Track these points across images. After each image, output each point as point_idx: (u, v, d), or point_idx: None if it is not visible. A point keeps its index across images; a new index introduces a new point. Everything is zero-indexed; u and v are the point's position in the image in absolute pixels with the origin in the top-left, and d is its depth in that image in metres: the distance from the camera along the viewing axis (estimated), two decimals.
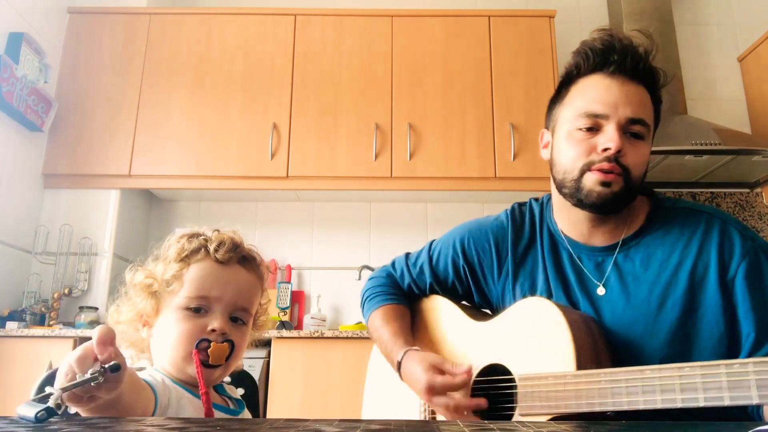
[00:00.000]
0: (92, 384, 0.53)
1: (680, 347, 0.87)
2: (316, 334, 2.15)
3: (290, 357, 2.14)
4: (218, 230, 0.87)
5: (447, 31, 2.71)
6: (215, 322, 0.79)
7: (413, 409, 1.06)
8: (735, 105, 2.98)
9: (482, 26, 2.72)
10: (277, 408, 2.08)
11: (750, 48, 2.90)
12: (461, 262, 1.09)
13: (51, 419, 0.49)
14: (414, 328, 1.12)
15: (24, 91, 2.32)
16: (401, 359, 0.99)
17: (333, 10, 2.78)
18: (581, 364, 0.79)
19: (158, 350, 0.81)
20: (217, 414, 0.81)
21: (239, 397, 0.91)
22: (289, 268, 2.77)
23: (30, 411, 0.49)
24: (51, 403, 0.50)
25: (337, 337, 2.15)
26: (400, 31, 2.71)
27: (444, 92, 2.63)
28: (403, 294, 1.16)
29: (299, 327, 2.66)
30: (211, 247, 0.83)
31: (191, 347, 0.77)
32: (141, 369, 0.80)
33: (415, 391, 0.96)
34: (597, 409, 0.73)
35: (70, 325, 2.32)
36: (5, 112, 2.28)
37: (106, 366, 0.54)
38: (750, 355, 0.83)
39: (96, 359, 0.55)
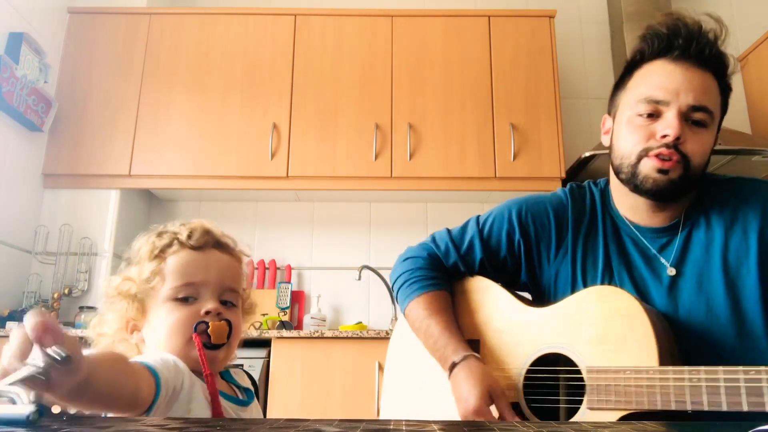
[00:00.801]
0: (35, 379, 0.44)
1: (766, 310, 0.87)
2: (316, 334, 2.15)
3: (290, 357, 2.14)
4: (184, 223, 0.86)
5: (447, 31, 2.71)
6: (208, 305, 0.78)
7: (450, 397, 1.00)
8: (735, 105, 2.96)
9: (482, 26, 2.72)
10: (277, 408, 2.07)
11: (750, 48, 2.90)
12: (517, 235, 1.03)
13: (43, 419, 0.46)
14: (458, 311, 1.05)
15: (24, 91, 2.32)
16: (458, 362, 0.93)
17: (333, 10, 2.78)
18: (663, 359, 0.76)
19: (153, 344, 0.79)
20: (225, 403, 0.79)
21: (249, 387, 0.89)
22: (289, 268, 2.77)
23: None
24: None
25: (337, 337, 2.15)
26: (400, 31, 2.71)
27: (444, 92, 2.63)
28: (445, 276, 1.08)
29: (299, 327, 2.66)
30: (183, 237, 0.83)
31: (189, 333, 0.76)
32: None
33: (457, 399, 0.92)
34: (688, 408, 0.69)
35: (70, 325, 2.32)
36: (5, 112, 2.28)
37: (56, 356, 0.45)
38: None
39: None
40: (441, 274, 1.08)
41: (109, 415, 0.65)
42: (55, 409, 0.49)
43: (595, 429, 0.44)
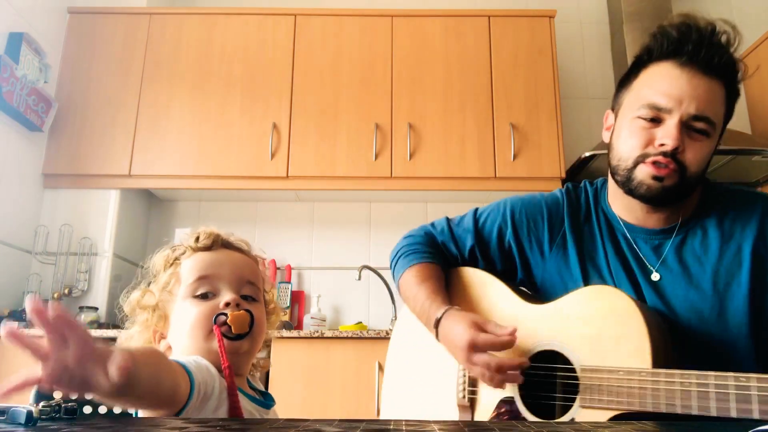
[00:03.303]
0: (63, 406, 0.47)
1: (755, 327, 0.86)
2: (316, 334, 2.15)
3: (290, 357, 2.14)
4: (195, 232, 0.88)
5: (447, 31, 2.71)
6: (226, 297, 0.78)
7: (449, 380, 1.01)
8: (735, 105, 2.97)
9: (482, 26, 2.72)
10: (277, 408, 2.07)
11: (750, 48, 2.90)
12: (509, 231, 1.05)
13: (48, 420, 0.46)
14: (453, 302, 1.05)
15: (24, 91, 2.32)
16: (441, 317, 0.94)
17: (333, 10, 2.78)
18: (656, 361, 0.76)
19: (178, 347, 0.79)
20: (250, 404, 0.79)
21: (268, 392, 0.89)
22: (289, 268, 2.77)
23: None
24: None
25: (337, 337, 2.15)
26: (400, 31, 2.71)
27: (444, 92, 2.63)
28: (440, 254, 1.11)
29: (299, 327, 2.66)
30: (191, 242, 0.84)
31: (209, 327, 0.76)
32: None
33: (453, 350, 0.92)
34: (678, 411, 0.69)
35: None
36: (5, 112, 2.28)
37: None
38: None
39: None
40: (435, 251, 1.11)
41: (144, 413, 0.65)
42: (57, 395, 0.49)
43: (594, 429, 0.44)
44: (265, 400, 0.86)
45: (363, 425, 0.44)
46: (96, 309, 2.37)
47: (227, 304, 0.77)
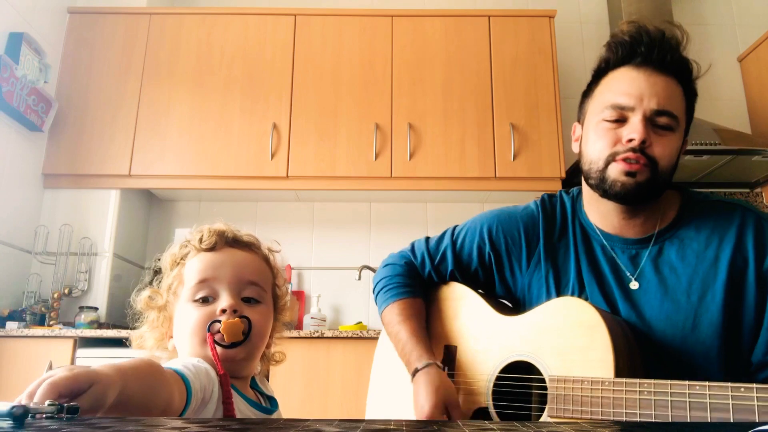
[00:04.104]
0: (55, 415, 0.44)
1: (727, 339, 0.87)
2: (316, 334, 2.15)
3: (290, 357, 2.12)
4: (201, 228, 0.86)
5: (447, 31, 2.71)
6: (224, 302, 0.77)
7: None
8: (735, 105, 2.98)
9: (482, 26, 2.72)
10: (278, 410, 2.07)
11: (750, 48, 2.90)
12: (487, 249, 1.06)
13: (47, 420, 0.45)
14: (432, 317, 1.10)
15: (24, 91, 2.32)
16: (421, 368, 0.98)
17: (333, 10, 2.78)
18: (619, 371, 0.78)
19: (181, 349, 0.80)
20: (249, 409, 0.78)
21: (273, 395, 0.89)
22: (289, 268, 2.77)
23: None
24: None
25: (337, 337, 2.15)
26: (400, 31, 2.71)
27: (444, 92, 2.63)
28: (421, 284, 1.13)
29: (299, 327, 2.66)
30: (196, 241, 0.83)
31: (204, 334, 0.75)
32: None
33: (415, 405, 0.96)
34: (638, 420, 0.71)
35: (70, 325, 2.32)
36: (5, 112, 2.28)
37: (64, 405, 0.45)
38: None
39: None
40: (416, 282, 1.12)
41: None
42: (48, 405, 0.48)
43: (594, 429, 0.44)
44: (270, 406, 0.85)
45: (363, 425, 0.44)
46: (96, 309, 2.37)
47: (223, 311, 0.77)
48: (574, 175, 2.60)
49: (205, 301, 0.79)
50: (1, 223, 2.30)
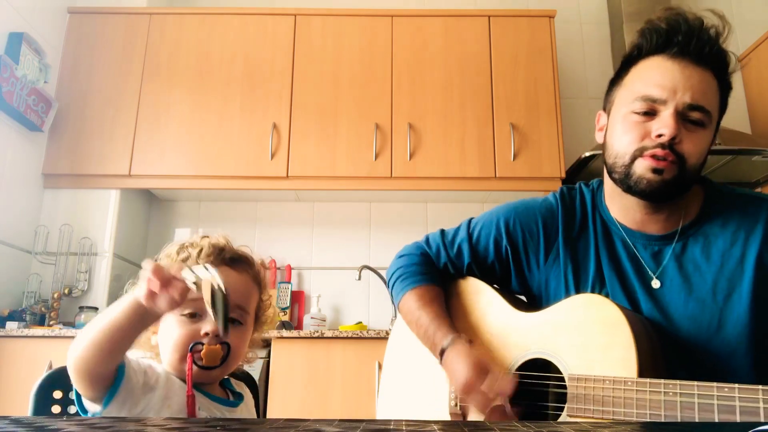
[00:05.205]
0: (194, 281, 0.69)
1: (755, 340, 0.84)
2: (316, 334, 2.15)
3: (290, 357, 2.14)
4: (207, 237, 0.88)
5: (447, 31, 2.71)
6: (208, 326, 0.80)
7: (443, 387, 1.01)
8: (735, 105, 2.97)
9: (482, 26, 2.72)
10: (277, 408, 2.07)
11: (750, 48, 2.90)
12: (504, 242, 1.02)
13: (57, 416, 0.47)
14: (450, 312, 1.05)
15: (24, 91, 2.32)
16: (447, 346, 0.93)
17: (333, 10, 2.78)
18: (642, 371, 0.75)
19: (162, 354, 0.84)
20: (212, 404, 0.83)
21: (241, 392, 0.92)
22: (289, 268, 2.77)
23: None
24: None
25: (337, 337, 2.15)
26: (400, 31, 2.71)
27: (444, 92, 2.63)
28: (438, 274, 1.08)
29: (299, 327, 2.66)
30: (194, 256, 0.85)
31: (185, 352, 0.79)
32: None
33: (451, 380, 0.92)
34: (662, 420, 0.69)
35: (70, 325, 2.32)
36: (5, 112, 2.28)
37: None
38: None
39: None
40: (433, 270, 1.08)
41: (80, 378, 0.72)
42: (55, 410, 0.51)
43: (594, 429, 0.44)
44: (235, 400, 0.90)
45: (363, 425, 0.44)
46: (96, 309, 2.37)
47: (207, 334, 0.80)
48: (574, 175, 2.60)
49: (192, 316, 0.81)
50: (1, 223, 2.30)
